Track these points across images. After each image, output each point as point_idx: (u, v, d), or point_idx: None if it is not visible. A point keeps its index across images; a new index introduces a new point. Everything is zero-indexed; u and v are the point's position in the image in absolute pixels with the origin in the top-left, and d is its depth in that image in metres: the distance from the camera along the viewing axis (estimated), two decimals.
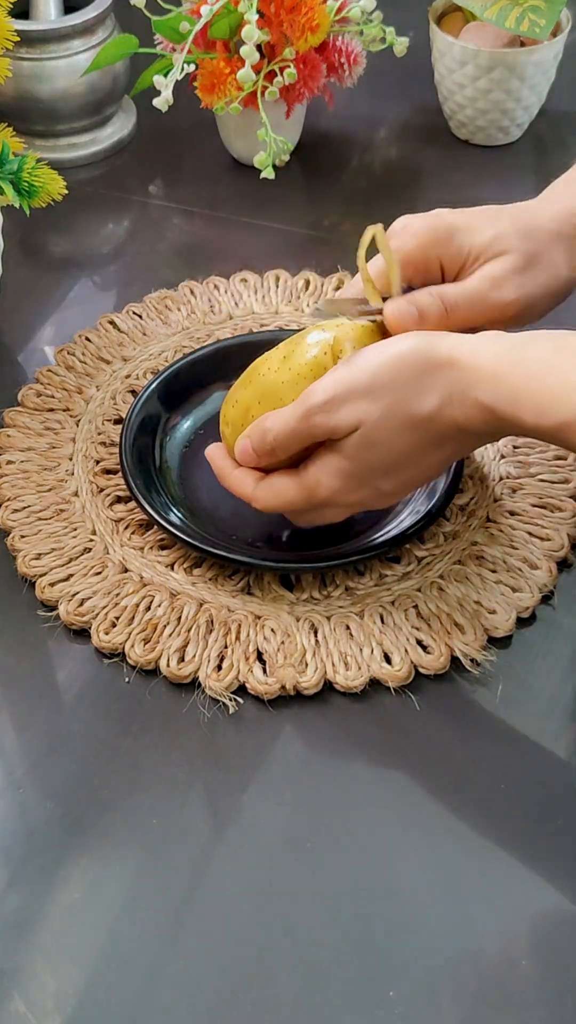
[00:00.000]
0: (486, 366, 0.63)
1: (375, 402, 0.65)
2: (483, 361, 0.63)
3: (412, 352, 0.65)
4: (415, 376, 0.65)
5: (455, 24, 1.07)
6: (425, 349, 0.65)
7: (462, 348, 0.64)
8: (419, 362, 0.65)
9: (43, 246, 1.03)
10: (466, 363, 0.64)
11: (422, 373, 0.65)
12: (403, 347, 0.66)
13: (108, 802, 0.66)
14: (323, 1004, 0.59)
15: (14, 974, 0.60)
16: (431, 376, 0.64)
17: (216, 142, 1.09)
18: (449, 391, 0.64)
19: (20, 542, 0.78)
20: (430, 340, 0.66)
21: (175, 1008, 0.59)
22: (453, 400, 0.64)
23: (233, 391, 0.74)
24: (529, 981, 0.60)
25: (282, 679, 0.70)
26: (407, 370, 0.65)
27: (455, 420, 0.65)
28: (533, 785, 0.67)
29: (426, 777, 0.68)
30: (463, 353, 0.64)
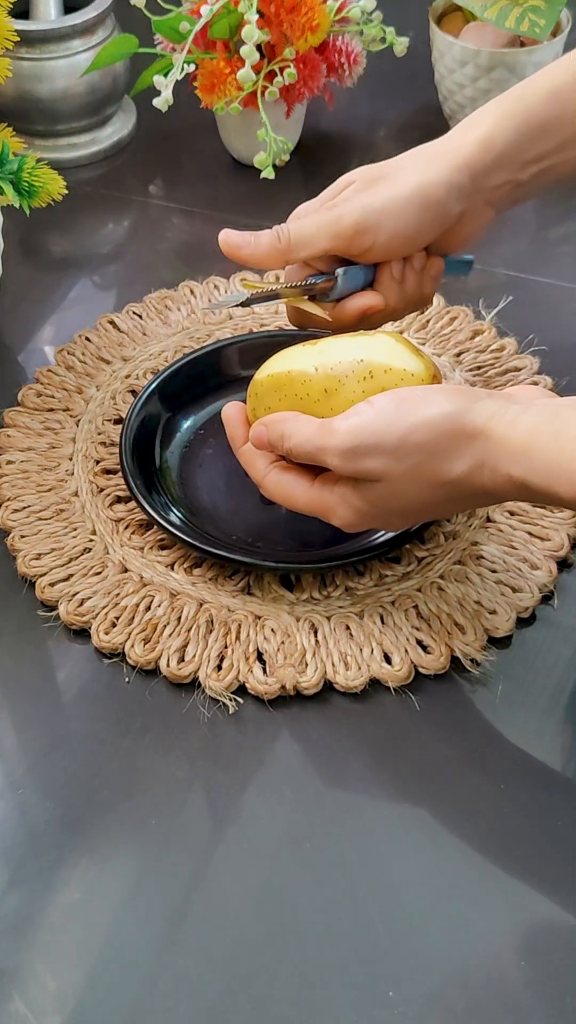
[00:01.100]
0: (520, 440, 0.61)
1: (401, 461, 0.64)
2: (517, 435, 0.61)
3: (447, 418, 0.63)
4: (446, 441, 0.63)
5: (455, 24, 1.07)
6: (460, 415, 0.63)
7: (499, 421, 0.62)
8: (452, 428, 0.63)
9: (43, 246, 1.03)
10: (499, 436, 0.61)
11: (454, 439, 0.63)
12: (439, 411, 0.63)
13: (108, 802, 0.66)
14: (323, 1004, 0.59)
15: (14, 974, 0.60)
16: (463, 444, 0.62)
17: (216, 142, 1.09)
18: (480, 461, 0.62)
19: (20, 542, 0.78)
20: (467, 406, 0.63)
21: (175, 1008, 0.59)
22: (484, 470, 0.62)
23: (267, 393, 0.71)
24: (529, 981, 0.60)
25: (282, 679, 0.70)
26: (439, 435, 0.63)
27: (483, 486, 0.63)
28: (533, 785, 0.67)
29: (426, 777, 0.68)
30: (498, 426, 0.62)
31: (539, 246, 1.03)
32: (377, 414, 0.64)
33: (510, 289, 0.94)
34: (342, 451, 0.65)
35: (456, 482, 0.63)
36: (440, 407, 0.63)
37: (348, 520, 0.68)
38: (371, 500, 0.67)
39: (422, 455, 0.63)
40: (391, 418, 0.64)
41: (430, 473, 0.64)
